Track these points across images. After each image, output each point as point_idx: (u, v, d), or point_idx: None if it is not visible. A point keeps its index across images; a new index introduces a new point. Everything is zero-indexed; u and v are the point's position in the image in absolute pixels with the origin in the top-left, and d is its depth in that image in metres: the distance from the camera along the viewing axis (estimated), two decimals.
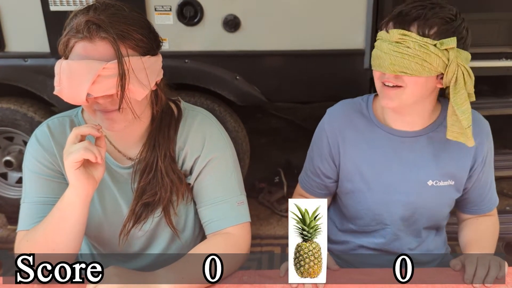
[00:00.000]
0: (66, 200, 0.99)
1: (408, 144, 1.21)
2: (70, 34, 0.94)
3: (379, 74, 1.12)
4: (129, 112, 0.98)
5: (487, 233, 1.27)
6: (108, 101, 0.96)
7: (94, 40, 0.92)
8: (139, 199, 1.11)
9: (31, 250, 1.02)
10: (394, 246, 1.30)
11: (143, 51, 0.98)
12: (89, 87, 0.91)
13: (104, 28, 0.91)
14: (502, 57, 2.29)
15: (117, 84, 0.92)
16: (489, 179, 1.27)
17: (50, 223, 1.01)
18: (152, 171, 1.09)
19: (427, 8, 1.06)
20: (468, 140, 1.11)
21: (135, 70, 0.94)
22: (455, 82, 1.08)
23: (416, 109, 1.17)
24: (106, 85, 0.92)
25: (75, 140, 0.94)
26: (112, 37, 0.91)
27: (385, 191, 1.23)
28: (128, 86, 0.93)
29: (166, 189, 1.09)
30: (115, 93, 0.94)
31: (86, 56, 0.92)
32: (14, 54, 2.29)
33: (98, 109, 0.98)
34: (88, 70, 0.90)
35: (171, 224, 1.14)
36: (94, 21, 0.92)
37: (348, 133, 1.24)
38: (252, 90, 2.34)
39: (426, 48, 1.04)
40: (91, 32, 0.91)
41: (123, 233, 1.13)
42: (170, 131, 1.11)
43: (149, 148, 1.10)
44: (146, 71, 0.97)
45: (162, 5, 2.17)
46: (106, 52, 0.92)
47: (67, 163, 0.94)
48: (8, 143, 2.61)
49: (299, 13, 2.19)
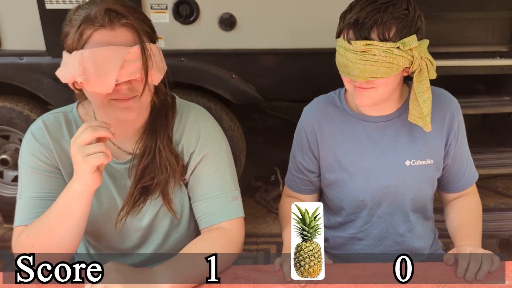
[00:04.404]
0: (73, 194, 0.99)
1: (382, 129, 1.26)
2: (85, 24, 0.95)
3: (349, 79, 1.16)
4: (144, 98, 1.02)
5: (472, 218, 1.29)
6: (127, 88, 0.98)
7: (115, 27, 0.96)
8: (138, 183, 1.11)
9: (32, 244, 1.01)
10: (383, 231, 1.32)
11: (152, 39, 1.03)
12: (118, 72, 0.94)
13: (124, 15, 0.95)
14: (496, 56, 2.31)
15: (143, 67, 0.96)
16: (464, 154, 1.32)
17: (55, 216, 1.01)
18: (151, 154, 1.11)
19: (381, 10, 1.08)
20: (426, 125, 1.17)
21: (154, 55, 0.99)
22: (419, 72, 1.14)
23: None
24: (131, 69, 0.95)
25: (89, 140, 0.93)
26: (133, 24, 0.96)
27: (365, 176, 1.27)
28: (152, 69, 0.98)
29: (164, 170, 1.10)
30: (138, 78, 0.97)
31: (108, 43, 0.95)
32: (10, 52, 2.29)
33: (115, 98, 0.99)
34: (115, 56, 0.93)
35: (169, 206, 1.14)
36: (113, 9, 0.95)
37: (324, 125, 1.28)
38: (248, 88, 2.34)
39: (390, 52, 1.08)
40: (112, 20, 0.95)
41: (120, 216, 1.13)
42: (168, 116, 1.13)
43: (148, 134, 1.12)
44: (160, 56, 1.02)
45: (158, 4, 2.18)
46: (127, 38, 0.96)
47: (85, 165, 0.93)
48: (4, 142, 2.61)
49: (295, 12, 2.20)
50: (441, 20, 2.27)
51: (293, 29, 2.22)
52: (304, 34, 2.22)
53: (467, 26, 2.33)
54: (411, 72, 1.15)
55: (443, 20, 2.29)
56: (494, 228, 2.24)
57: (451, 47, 2.29)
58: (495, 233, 2.27)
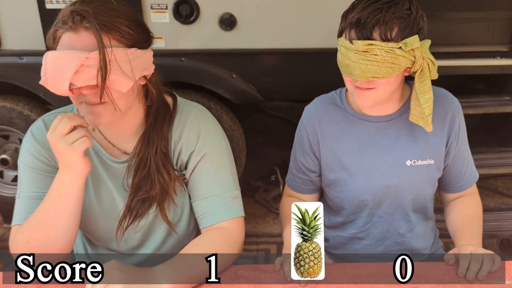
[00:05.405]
0: (66, 184, 1.01)
1: (383, 128, 1.26)
2: (57, 25, 0.96)
3: (350, 79, 1.15)
4: (115, 105, 0.99)
5: (473, 218, 1.29)
6: (92, 93, 0.96)
7: (79, 30, 0.94)
8: (135, 195, 1.11)
9: (28, 240, 1.02)
10: (384, 231, 1.32)
11: (129, 43, 0.98)
12: (72, 77, 0.92)
13: (88, 18, 0.93)
14: (496, 56, 2.30)
15: (99, 73, 0.93)
16: (465, 154, 1.31)
17: (49, 208, 1.02)
18: (146, 168, 1.10)
19: (384, 10, 1.07)
20: (427, 125, 1.17)
21: (119, 61, 0.95)
22: (421, 72, 1.14)
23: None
24: (89, 75, 0.93)
25: (68, 129, 0.96)
26: (95, 27, 0.93)
27: (366, 176, 1.27)
28: (110, 76, 0.94)
29: (157, 186, 1.10)
30: (97, 84, 0.94)
31: (71, 46, 0.94)
32: (10, 52, 2.28)
33: (83, 101, 0.99)
34: (71, 60, 0.91)
35: (166, 219, 1.14)
36: (78, 12, 0.93)
37: (325, 125, 1.28)
38: (248, 88, 2.34)
39: (392, 52, 1.07)
40: (75, 23, 0.93)
41: (120, 230, 1.13)
42: (164, 128, 1.11)
43: (143, 144, 1.11)
44: (130, 63, 0.97)
45: (158, 3, 2.18)
46: (90, 42, 0.93)
47: (74, 153, 0.96)
48: (4, 141, 2.61)
49: (295, 11, 2.20)
50: (441, 19, 2.27)
51: (293, 29, 2.22)
52: (305, 34, 2.22)
53: (468, 26, 2.33)
54: (412, 72, 1.15)
55: (444, 20, 2.29)
56: (495, 228, 2.24)
57: (452, 46, 2.29)
58: (495, 233, 2.27)
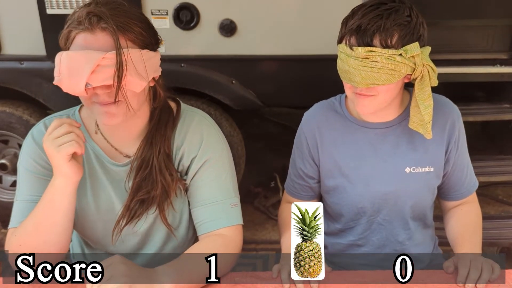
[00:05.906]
0: (56, 189, 1.01)
1: (382, 135, 1.25)
2: (71, 26, 0.97)
3: (350, 85, 1.15)
4: (129, 105, 1.00)
5: (472, 226, 1.28)
6: (106, 93, 0.98)
7: (95, 31, 0.95)
8: (134, 195, 1.11)
9: (20, 244, 1.02)
10: (383, 239, 1.32)
11: (142, 44, 1.01)
12: (88, 77, 0.93)
13: (105, 19, 0.94)
14: (496, 63, 2.30)
15: (116, 73, 0.94)
16: (465, 161, 1.31)
17: (40, 213, 1.02)
18: (148, 168, 1.10)
19: (384, 16, 1.07)
20: (427, 133, 1.17)
21: (134, 61, 0.96)
22: (421, 79, 1.13)
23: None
24: (105, 74, 0.94)
25: (62, 133, 0.97)
26: (112, 28, 0.94)
27: (365, 183, 1.26)
28: (126, 76, 0.96)
29: (158, 186, 1.10)
30: (113, 84, 0.95)
31: (87, 46, 0.95)
32: (10, 57, 2.29)
33: (96, 101, 1.00)
34: (87, 60, 0.93)
35: (165, 221, 1.14)
36: (95, 13, 0.95)
37: (325, 131, 1.28)
38: (248, 94, 2.34)
39: (393, 59, 1.07)
40: (92, 23, 0.95)
41: (117, 230, 1.12)
42: (167, 129, 1.12)
43: (146, 145, 1.11)
44: (145, 64, 0.99)
45: (158, 9, 2.18)
46: (106, 43, 0.95)
47: (59, 155, 0.97)
48: (3, 146, 2.60)
49: (295, 18, 2.21)
50: (441, 27, 2.27)
51: (293, 35, 2.22)
52: (304, 40, 2.22)
53: (467, 33, 2.33)
54: (412, 79, 1.15)
55: (443, 27, 2.29)
56: (495, 236, 2.23)
57: (451, 54, 2.29)
58: (495, 241, 2.26)
